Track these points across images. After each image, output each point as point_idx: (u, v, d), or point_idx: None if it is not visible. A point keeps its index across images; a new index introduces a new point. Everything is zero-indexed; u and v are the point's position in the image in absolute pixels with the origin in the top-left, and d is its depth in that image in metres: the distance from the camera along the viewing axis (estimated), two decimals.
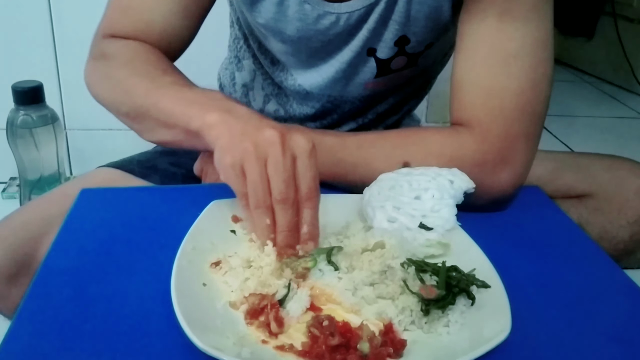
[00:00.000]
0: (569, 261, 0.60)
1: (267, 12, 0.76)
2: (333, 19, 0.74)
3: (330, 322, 0.46)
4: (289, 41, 0.78)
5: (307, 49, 0.79)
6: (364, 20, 0.74)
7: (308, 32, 0.76)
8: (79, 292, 0.50)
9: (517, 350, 0.46)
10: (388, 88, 0.85)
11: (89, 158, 1.46)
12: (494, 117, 0.65)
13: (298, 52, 0.81)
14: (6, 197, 1.40)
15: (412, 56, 0.78)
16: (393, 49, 0.77)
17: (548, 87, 0.67)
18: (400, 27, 0.74)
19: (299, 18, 0.74)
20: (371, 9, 0.73)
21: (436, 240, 0.56)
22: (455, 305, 0.49)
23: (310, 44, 0.78)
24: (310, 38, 0.77)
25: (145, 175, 0.82)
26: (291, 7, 0.74)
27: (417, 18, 0.73)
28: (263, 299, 0.48)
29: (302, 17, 0.74)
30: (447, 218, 0.58)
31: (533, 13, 0.65)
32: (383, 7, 0.73)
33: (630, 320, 0.52)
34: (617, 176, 0.81)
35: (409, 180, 0.61)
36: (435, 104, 1.69)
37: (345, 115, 0.89)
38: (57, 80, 1.42)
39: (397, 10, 0.73)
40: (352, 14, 0.73)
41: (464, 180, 0.61)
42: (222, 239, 0.57)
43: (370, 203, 0.59)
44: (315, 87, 0.84)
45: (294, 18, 0.75)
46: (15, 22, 1.36)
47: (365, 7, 0.73)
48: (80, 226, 0.61)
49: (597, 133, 2.01)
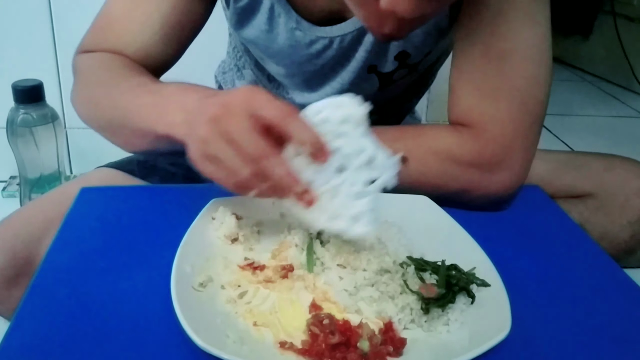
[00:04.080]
0: (569, 260, 0.60)
1: (257, 38, 0.75)
2: (326, 42, 0.73)
3: (330, 321, 0.46)
4: (282, 65, 0.78)
5: (303, 72, 0.79)
6: (358, 41, 0.73)
7: (301, 58, 0.75)
8: (78, 291, 0.51)
9: (517, 349, 0.46)
10: (391, 95, 0.85)
11: (89, 157, 1.46)
12: (489, 118, 0.65)
13: (293, 75, 0.80)
14: (6, 196, 1.39)
15: (412, 66, 0.78)
16: (394, 63, 0.76)
17: (545, 87, 0.66)
18: (399, 44, 0.74)
19: (290, 45, 0.74)
20: (364, 31, 0.72)
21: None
22: (456, 304, 0.49)
23: (306, 68, 0.77)
24: (304, 63, 0.76)
25: (145, 176, 0.82)
26: (281, 34, 0.73)
27: (416, 33, 0.73)
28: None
29: (293, 43, 0.74)
30: (386, 161, 0.52)
31: (528, 14, 0.65)
32: None
33: (630, 320, 0.52)
34: (617, 176, 0.81)
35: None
36: (435, 102, 1.69)
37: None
38: (57, 79, 1.41)
39: None
40: (344, 37, 0.73)
41: (349, 105, 0.52)
42: (221, 237, 0.57)
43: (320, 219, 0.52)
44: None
45: (285, 45, 0.74)
46: (15, 21, 1.36)
47: (357, 30, 0.72)
48: (79, 225, 0.61)
49: (596, 132, 2.01)
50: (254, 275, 0.53)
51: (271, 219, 0.60)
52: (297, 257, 0.54)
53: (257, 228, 0.59)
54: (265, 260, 0.55)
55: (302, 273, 0.53)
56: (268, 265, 0.54)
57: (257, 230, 0.59)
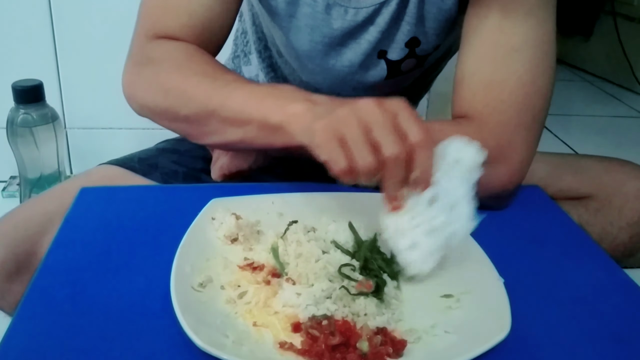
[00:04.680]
0: (569, 260, 0.60)
1: (278, 4, 0.76)
2: (342, 11, 0.74)
3: (329, 322, 0.46)
4: (295, 31, 0.78)
5: (315, 46, 0.79)
6: (371, 20, 0.74)
7: (315, 20, 0.76)
8: (78, 290, 0.51)
9: (517, 349, 0.46)
10: (396, 89, 0.85)
11: (89, 157, 1.45)
12: (492, 110, 0.66)
13: (302, 49, 0.80)
14: (6, 196, 1.40)
15: (421, 58, 0.79)
16: (404, 50, 0.77)
17: (549, 83, 0.67)
18: (411, 28, 0.75)
19: (309, 4, 0.74)
20: (380, 10, 0.73)
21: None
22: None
23: (317, 39, 0.78)
24: (316, 28, 0.76)
25: (147, 173, 0.82)
26: None
27: (428, 19, 0.74)
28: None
29: (312, 3, 0.74)
30: (467, 214, 0.53)
31: (535, 9, 0.65)
32: (394, 8, 0.73)
33: (630, 320, 0.52)
34: (617, 178, 0.81)
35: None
36: (435, 102, 1.69)
37: None
38: (57, 78, 1.41)
39: (409, 11, 0.73)
40: (359, 10, 0.74)
41: (469, 151, 0.54)
42: (221, 237, 0.57)
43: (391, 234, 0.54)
44: (323, 86, 0.84)
45: (305, 3, 0.74)
46: (15, 21, 1.36)
47: (374, 6, 0.73)
48: (79, 225, 0.61)
49: (596, 132, 2.01)
50: (254, 275, 0.52)
51: (271, 219, 0.60)
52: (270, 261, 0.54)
53: (257, 228, 0.59)
54: (264, 260, 0.55)
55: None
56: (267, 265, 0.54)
57: (257, 230, 0.59)
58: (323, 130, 0.52)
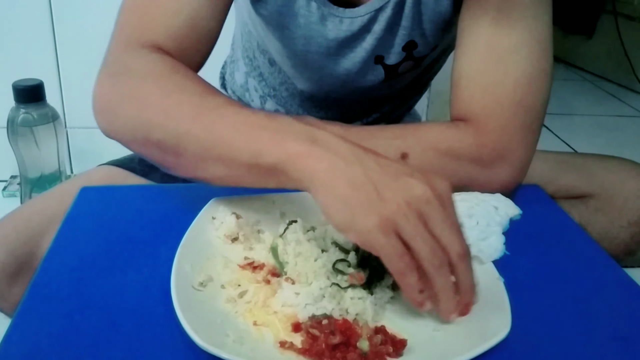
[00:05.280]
0: (569, 259, 0.60)
1: (273, 5, 0.75)
2: (337, 21, 0.74)
3: (329, 321, 0.46)
4: (289, 41, 0.78)
5: (309, 56, 0.79)
6: (367, 28, 0.74)
7: (310, 31, 0.76)
8: (78, 291, 0.51)
9: (517, 348, 0.46)
10: (393, 90, 0.85)
11: (89, 156, 1.46)
12: (490, 112, 0.66)
13: (297, 57, 0.80)
14: (7, 196, 1.40)
15: (418, 60, 0.79)
16: (401, 54, 0.77)
17: (547, 83, 0.67)
18: (407, 32, 0.75)
19: (303, 14, 0.74)
20: (375, 17, 0.73)
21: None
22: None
23: (313, 49, 0.77)
24: (312, 38, 0.76)
25: (146, 174, 0.82)
26: (298, 1, 0.74)
27: (424, 21, 0.74)
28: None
29: (306, 13, 0.74)
30: (496, 247, 0.55)
31: (530, 10, 0.65)
32: (390, 14, 0.73)
33: (630, 319, 0.52)
34: (618, 177, 0.81)
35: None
36: (435, 102, 1.69)
37: (350, 115, 0.90)
38: (57, 78, 1.41)
39: (405, 16, 0.73)
40: (354, 20, 0.73)
41: (509, 206, 0.58)
42: (221, 237, 0.57)
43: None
44: (320, 93, 0.84)
45: (299, 14, 0.74)
46: (15, 20, 1.36)
47: (370, 14, 0.73)
48: (80, 225, 0.61)
49: (597, 131, 2.01)
50: (254, 275, 0.53)
51: (271, 219, 0.60)
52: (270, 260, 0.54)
53: (257, 227, 0.59)
54: (265, 259, 0.55)
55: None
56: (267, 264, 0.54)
57: (257, 230, 0.59)
58: (378, 221, 0.44)
